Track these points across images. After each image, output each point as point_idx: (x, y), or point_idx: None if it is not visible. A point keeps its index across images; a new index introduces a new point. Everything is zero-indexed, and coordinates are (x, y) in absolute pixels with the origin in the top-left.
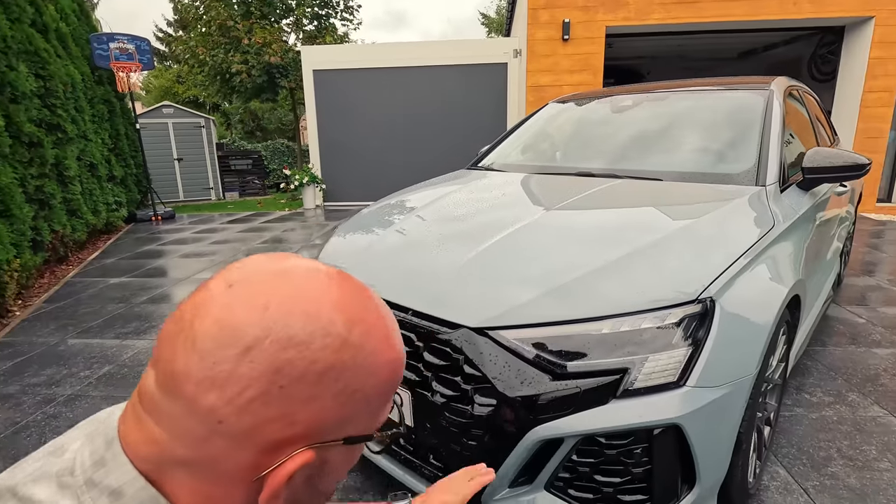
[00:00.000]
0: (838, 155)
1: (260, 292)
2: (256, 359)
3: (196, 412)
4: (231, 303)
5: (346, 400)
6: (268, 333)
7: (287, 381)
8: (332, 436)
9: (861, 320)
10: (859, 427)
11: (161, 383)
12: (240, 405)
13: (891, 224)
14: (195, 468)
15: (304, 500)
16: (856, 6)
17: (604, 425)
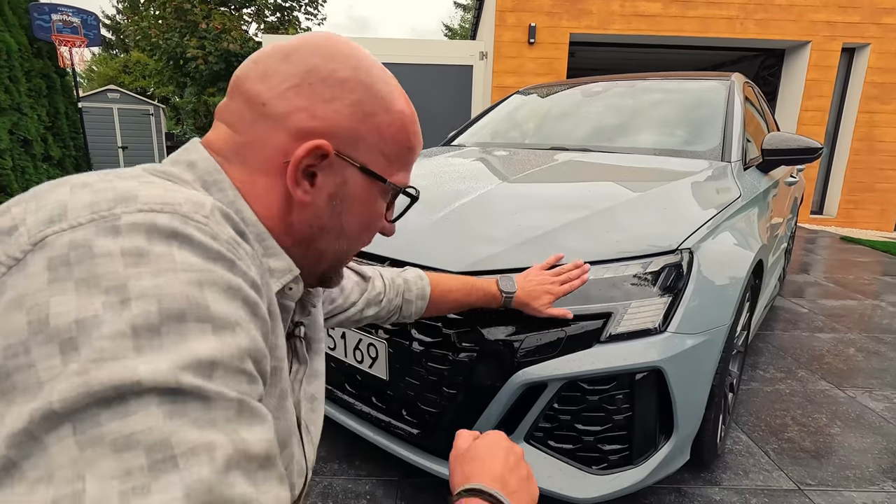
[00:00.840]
0: (794, 138)
1: (308, 36)
2: (294, 61)
3: (248, 100)
4: (287, 40)
5: (360, 117)
6: (304, 47)
7: (314, 79)
8: (348, 150)
9: (804, 310)
10: (810, 398)
11: (230, 92)
12: (278, 92)
13: (822, 233)
14: (246, 154)
15: (328, 226)
16: (795, 30)
17: (588, 368)
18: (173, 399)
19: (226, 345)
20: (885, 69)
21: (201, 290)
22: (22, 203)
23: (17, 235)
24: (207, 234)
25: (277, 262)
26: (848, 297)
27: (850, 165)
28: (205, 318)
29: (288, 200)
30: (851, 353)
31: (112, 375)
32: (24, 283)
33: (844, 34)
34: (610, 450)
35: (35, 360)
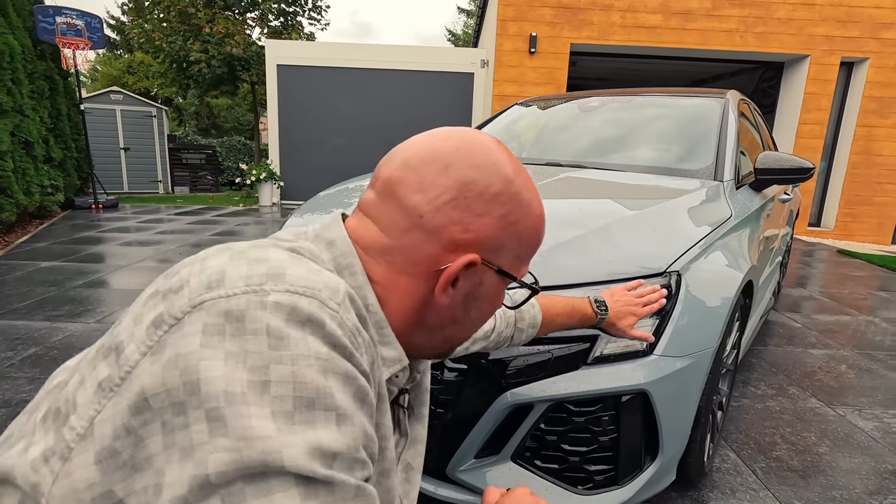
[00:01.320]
0: (787, 158)
1: (453, 136)
2: (451, 174)
3: (404, 209)
4: (433, 140)
5: (506, 226)
6: (460, 158)
7: (470, 193)
8: (491, 256)
9: (798, 325)
10: (799, 416)
11: (379, 191)
12: (436, 206)
13: (819, 245)
14: (394, 255)
15: (459, 319)
16: (794, 44)
17: (574, 390)
18: (307, 483)
19: (345, 434)
20: (884, 83)
21: (326, 378)
22: (188, 265)
23: (181, 296)
24: (336, 322)
25: (390, 352)
26: (842, 312)
27: (847, 179)
28: (330, 407)
29: (426, 299)
30: (843, 370)
31: (260, 456)
32: (181, 342)
33: (843, 48)
34: (596, 470)
35: (190, 422)
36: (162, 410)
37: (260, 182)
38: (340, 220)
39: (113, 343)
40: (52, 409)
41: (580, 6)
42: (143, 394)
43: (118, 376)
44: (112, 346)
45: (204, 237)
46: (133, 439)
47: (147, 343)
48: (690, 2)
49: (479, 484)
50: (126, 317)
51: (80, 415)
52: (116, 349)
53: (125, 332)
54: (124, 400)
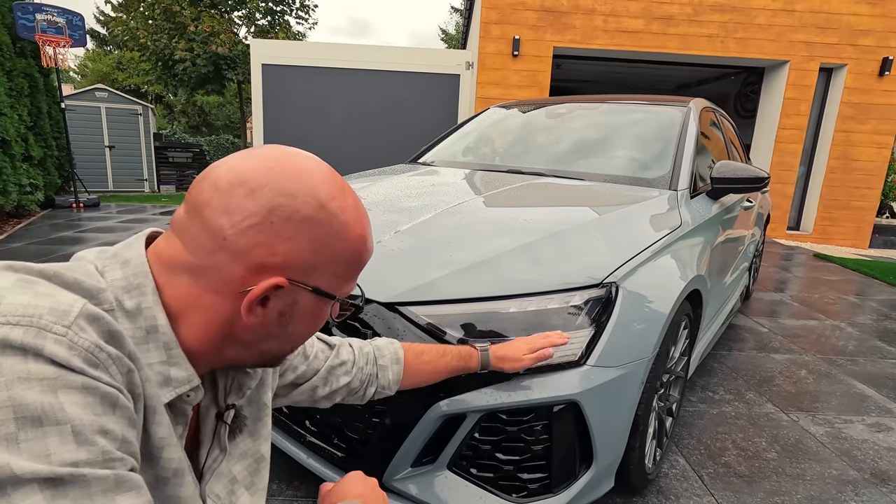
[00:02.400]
0: (742, 168)
1: (268, 157)
2: (258, 198)
3: (209, 230)
4: (246, 161)
5: (317, 249)
6: (268, 183)
7: (276, 219)
8: (302, 277)
9: (764, 329)
10: (753, 421)
11: (188, 210)
12: (241, 229)
13: (798, 249)
14: (198, 275)
15: (275, 334)
16: (774, 50)
17: (506, 401)
18: (54, 485)
19: (85, 441)
20: (862, 90)
21: (55, 395)
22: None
23: None
24: (63, 344)
25: (178, 372)
26: (810, 316)
27: (826, 183)
28: (62, 421)
29: (234, 317)
30: (802, 375)
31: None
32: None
33: (822, 55)
34: (529, 478)
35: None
36: None
37: None
38: (142, 239)
39: None
40: None
41: (563, 10)
42: None
43: None
44: None
45: None
46: None
47: None
48: (672, 7)
49: (415, 493)
50: None
51: None
52: None
53: None
54: None
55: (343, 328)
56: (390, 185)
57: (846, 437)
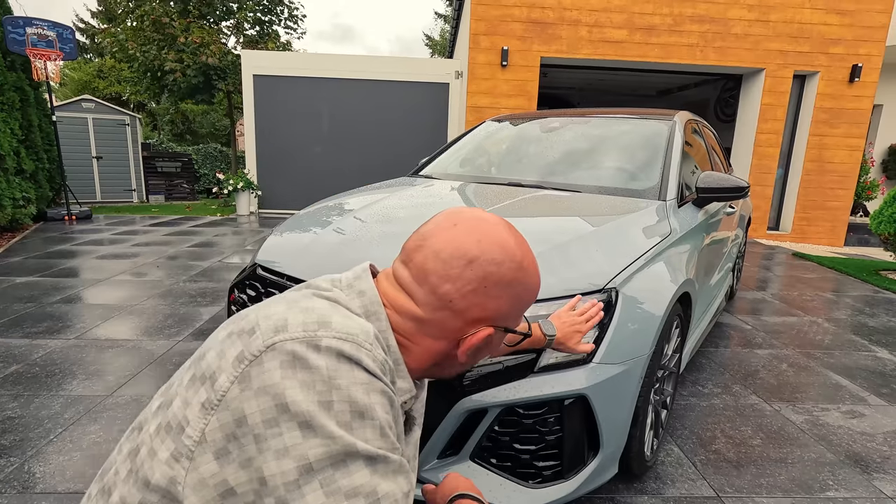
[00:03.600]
0: (725, 178)
1: (474, 229)
2: (475, 269)
3: (436, 294)
4: (458, 235)
5: (515, 302)
6: (481, 255)
7: (489, 284)
8: (501, 323)
9: (748, 327)
10: (739, 412)
11: (414, 276)
12: (463, 293)
13: (779, 249)
14: (424, 324)
15: (468, 362)
16: (750, 58)
17: (523, 395)
18: (373, 461)
19: (386, 433)
20: (833, 95)
21: (369, 396)
22: (255, 311)
23: (255, 337)
24: (370, 357)
25: (403, 384)
26: (789, 313)
27: (802, 185)
28: (375, 417)
29: (447, 354)
30: (783, 368)
31: (342, 448)
32: (265, 375)
33: (796, 62)
34: (544, 466)
35: (283, 431)
36: (255, 425)
37: (237, 191)
38: (369, 273)
39: (205, 373)
40: (164, 424)
41: (549, 21)
42: (241, 412)
43: (215, 399)
44: (205, 375)
45: (182, 249)
46: (238, 444)
47: (234, 374)
48: (653, 18)
49: None
50: (209, 352)
51: (194, 427)
52: (210, 378)
53: (213, 364)
54: (226, 416)
55: None
56: (397, 202)
57: (823, 423)
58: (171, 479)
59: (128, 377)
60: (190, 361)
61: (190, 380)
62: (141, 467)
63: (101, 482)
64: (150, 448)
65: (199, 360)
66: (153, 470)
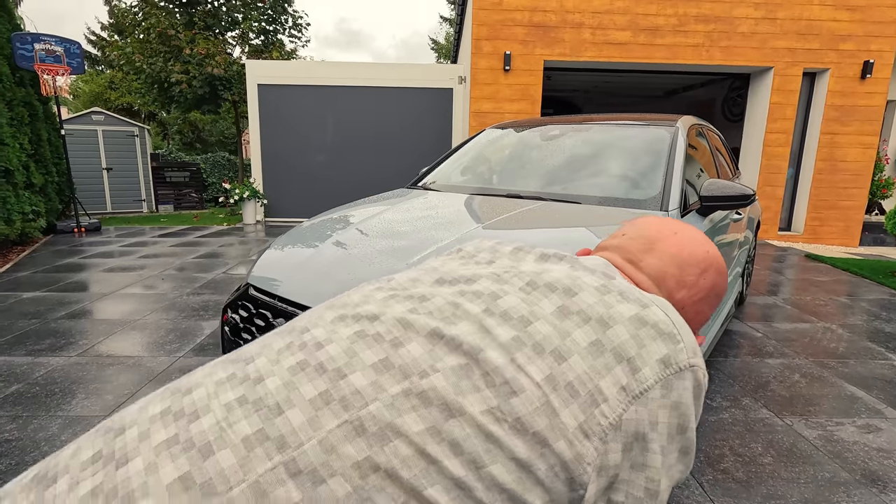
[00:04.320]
0: (730, 186)
1: (700, 239)
2: (707, 278)
3: (671, 297)
4: (687, 242)
5: (710, 314)
6: (711, 265)
7: (712, 294)
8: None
9: (758, 334)
10: (749, 427)
11: (653, 277)
12: (694, 301)
13: (791, 250)
14: None
15: None
16: (757, 57)
17: None
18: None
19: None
20: (844, 93)
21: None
22: (662, 307)
23: (681, 349)
24: (702, 374)
25: None
26: (802, 319)
27: (814, 184)
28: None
29: None
30: (795, 379)
31: (683, 477)
32: (683, 393)
33: (805, 60)
34: None
35: (671, 451)
36: (662, 436)
37: (243, 201)
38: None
39: (617, 349)
40: (563, 383)
41: (552, 24)
42: (656, 417)
43: (637, 389)
44: (618, 353)
45: (188, 260)
46: (641, 445)
47: (659, 375)
48: (657, 18)
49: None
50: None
51: (613, 407)
52: (629, 362)
53: (629, 347)
54: (644, 413)
55: None
56: (397, 216)
57: (838, 439)
58: (578, 456)
59: (126, 395)
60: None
61: (590, 344)
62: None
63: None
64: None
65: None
66: (562, 439)
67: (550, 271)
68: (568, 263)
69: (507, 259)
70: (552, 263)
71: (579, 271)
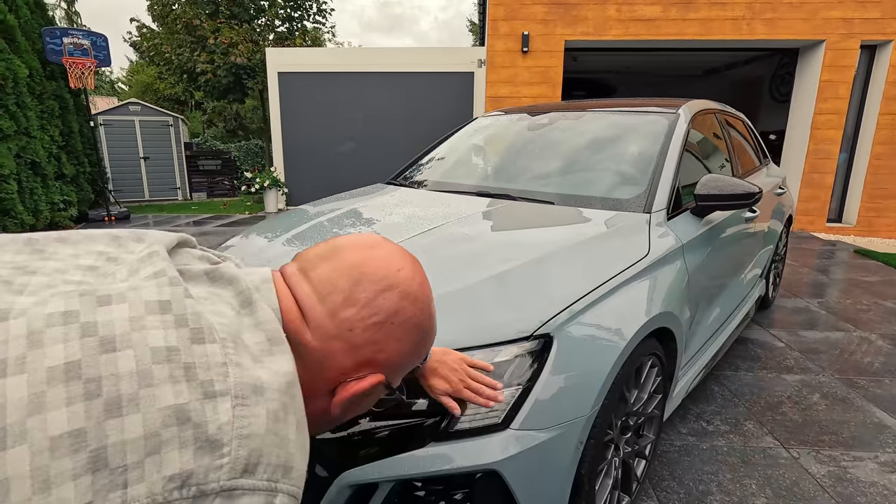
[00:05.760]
0: (730, 183)
1: (395, 258)
2: (389, 299)
3: (336, 320)
4: (379, 257)
5: (415, 352)
6: (398, 286)
7: (397, 321)
8: (390, 375)
9: (780, 344)
10: (746, 459)
11: (317, 287)
12: (366, 324)
13: (840, 244)
14: (306, 359)
15: (335, 418)
16: (807, 29)
17: (420, 470)
18: None
19: None
20: None
21: None
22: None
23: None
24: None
25: None
26: (836, 327)
27: (870, 171)
28: None
29: (315, 404)
30: (814, 400)
31: None
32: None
33: (863, 31)
34: None
35: None
36: None
37: (265, 189)
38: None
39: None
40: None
41: (573, 1)
42: None
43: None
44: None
45: None
46: None
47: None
48: None
49: None
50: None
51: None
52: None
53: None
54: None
55: None
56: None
57: (851, 478)
58: None
59: None
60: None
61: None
62: None
63: None
64: None
65: None
66: None
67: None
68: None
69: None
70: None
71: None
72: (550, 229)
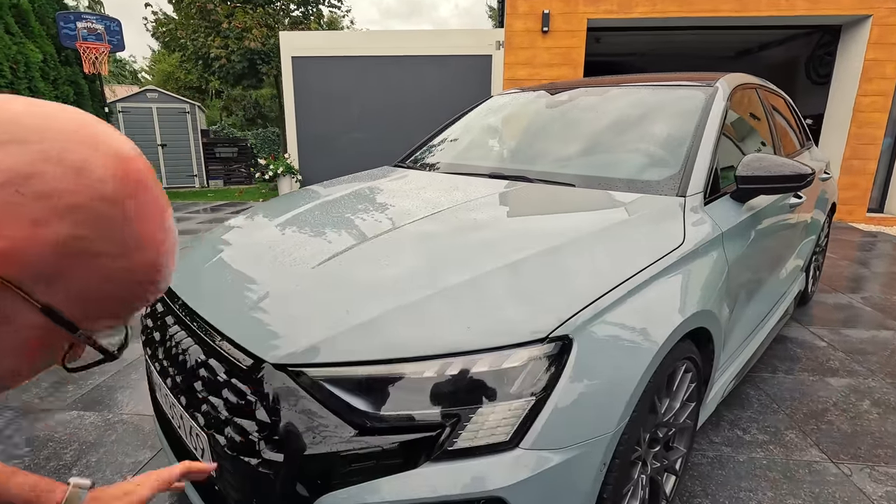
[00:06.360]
0: (777, 163)
1: (52, 111)
2: (13, 153)
3: None
4: (17, 103)
5: (77, 254)
6: (41, 140)
7: (28, 190)
8: (33, 282)
9: (822, 343)
10: (789, 474)
11: None
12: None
13: (882, 236)
14: None
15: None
16: (852, 4)
17: (408, 496)
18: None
19: None
20: None
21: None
22: None
23: None
24: None
25: None
26: (883, 325)
27: None
28: None
29: None
30: (865, 407)
31: None
32: None
33: None
34: None
35: None
36: None
37: (279, 176)
38: None
39: None
40: None
41: None
42: None
43: None
44: None
45: None
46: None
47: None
48: None
49: None
50: None
51: None
52: None
53: None
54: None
55: (232, 390)
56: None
57: None
58: None
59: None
60: None
61: None
62: None
63: None
64: None
65: None
66: None
67: None
68: None
69: None
70: None
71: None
72: (571, 215)
